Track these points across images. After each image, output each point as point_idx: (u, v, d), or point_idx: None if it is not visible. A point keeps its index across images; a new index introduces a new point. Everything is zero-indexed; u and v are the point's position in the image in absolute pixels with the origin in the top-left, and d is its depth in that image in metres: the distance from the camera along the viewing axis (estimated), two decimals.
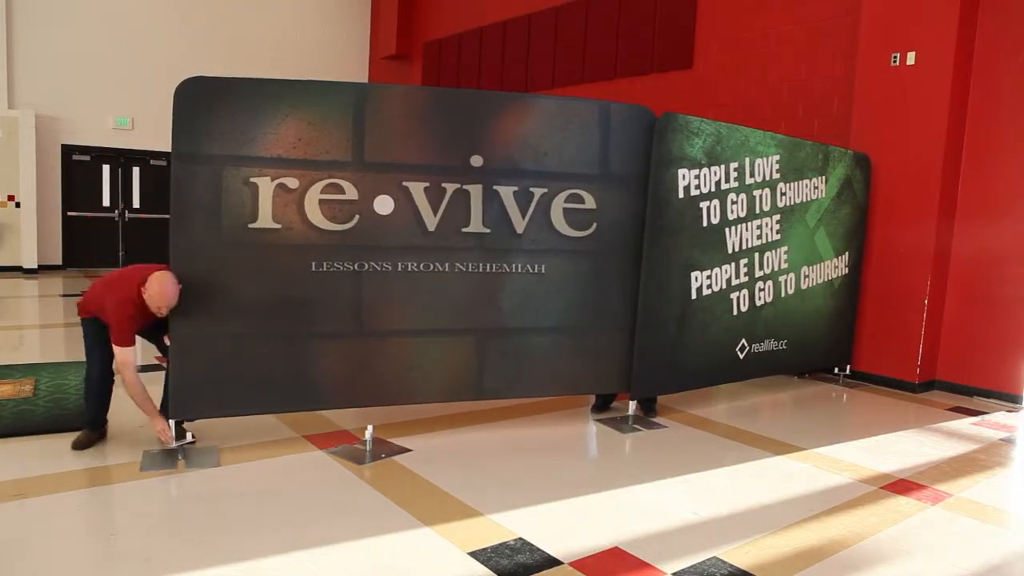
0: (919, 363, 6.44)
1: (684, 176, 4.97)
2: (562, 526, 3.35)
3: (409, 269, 4.40)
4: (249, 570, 2.82)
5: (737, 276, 5.49)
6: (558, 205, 4.67)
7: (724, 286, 5.40)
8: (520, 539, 3.18)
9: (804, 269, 6.06)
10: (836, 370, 6.76)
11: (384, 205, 4.31)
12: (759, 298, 5.70)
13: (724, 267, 5.38)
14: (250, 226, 3.99)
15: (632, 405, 5.08)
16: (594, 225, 4.76)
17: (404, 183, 4.33)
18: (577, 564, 2.98)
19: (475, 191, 4.50)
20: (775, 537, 3.35)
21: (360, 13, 14.51)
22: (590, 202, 4.73)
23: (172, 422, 3.99)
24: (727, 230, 5.33)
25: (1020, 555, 3.32)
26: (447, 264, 4.48)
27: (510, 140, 4.61)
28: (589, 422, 5.09)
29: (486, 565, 2.93)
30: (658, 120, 4.80)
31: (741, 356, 5.67)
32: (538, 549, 3.09)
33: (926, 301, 6.36)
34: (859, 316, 6.72)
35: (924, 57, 6.30)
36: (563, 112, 4.73)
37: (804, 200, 5.94)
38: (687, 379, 5.38)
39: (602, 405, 5.34)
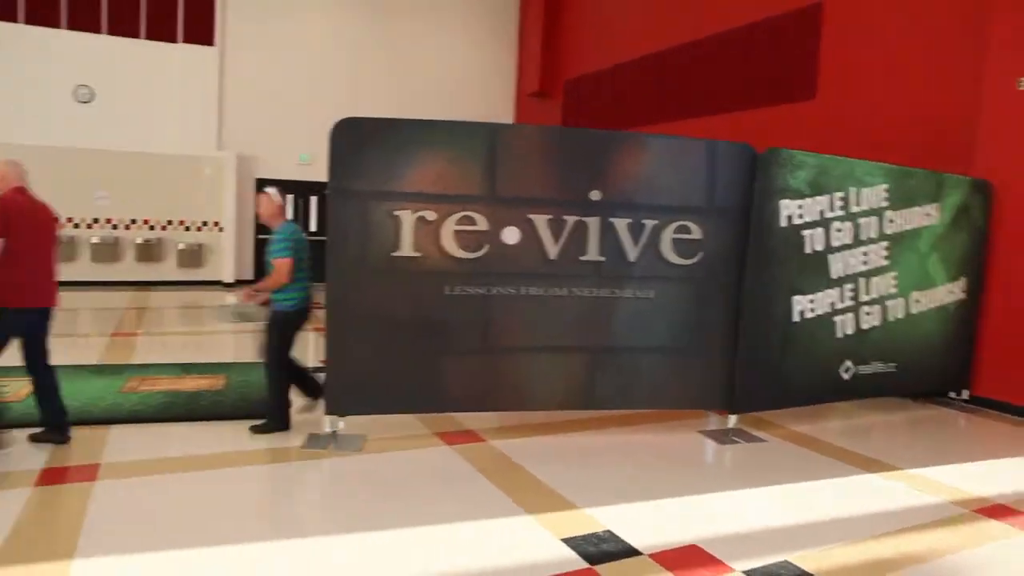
0: None
1: (787, 206, 5.04)
2: (649, 523, 3.57)
3: (532, 293, 4.75)
4: (371, 536, 3.26)
5: (841, 300, 5.45)
6: (667, 236, 4.88)
7: (828, 310, 5.38)
8: (608, 531, 3.44)
9: (914, 294, 5.89)
10: (953, 395, 6.46)
11: (511, 235, 4.69)
12: (865, 322, 5.61)
13: (827, 292, 5.36)
14: (393, 254, 4.49)
15: (732, 419, 5.17)
16: (700, 254, 4.93)
17: (529, 215, 4.70)
18: (655, 556, 3.20)
19: (593, 223, 4.79)
20: (849, 547, 3.41)
21: (508, 53, 15.17)
22: (697, 232, 4.91)
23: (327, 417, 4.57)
24: (830, 256, 5.31)
25: None
26: (566, 289, 4.80)
27: (625, 176, 4.88)
28: (691, 433, 5.22)
29: (575, 550, 3.22)
30: (760, 155, 4.91)
31: (846, 376, 5.60)
32: (623, 541, 3.34)
33: None
34: (980, 341, 6.40)
35: None
36: (673, 150, 4.95)
37: (915, 227, 5.78)
38: (788, 397, 5.40)
39: None
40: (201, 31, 12.90)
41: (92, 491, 3.67)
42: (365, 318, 4.54)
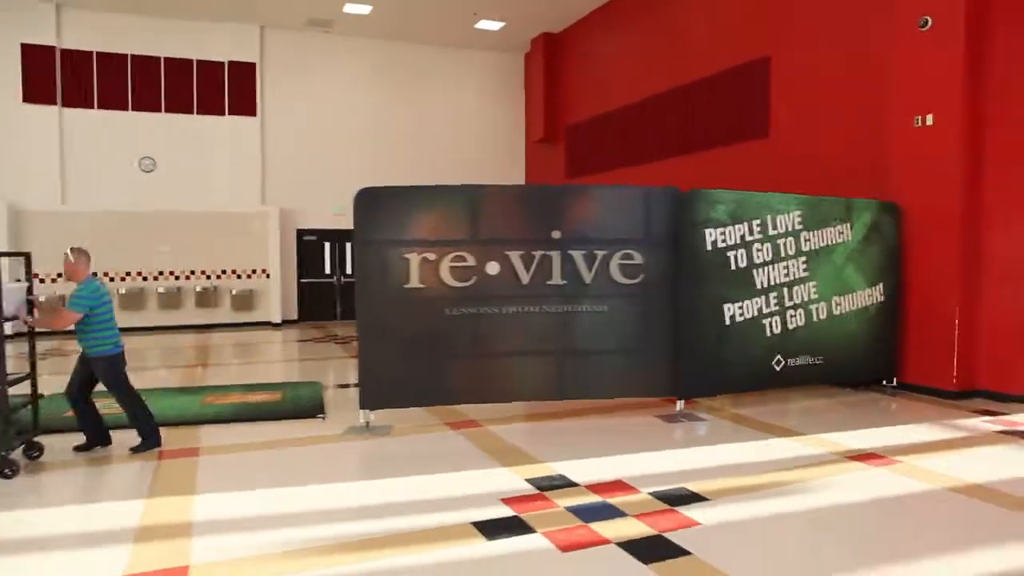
0: (955, 373, 7.26)
1: (711, 233, 6.43)
2: (592, 470, 4.95)
3: (511, 311, 6.20)
4: (401, 479, 4.72)
5: (768, 306, 6.78)
6: (615, 262, 6.30)
7: (756, 314, 6.72)
8: (560, 475, 4.84)
9: (835, 299, 7.18)
10: (885, 382, 7.68)
11: (493, 268, 6.15)
12: (791, 322, 6.92)
13: (754, 299, 6.70)
14: (405, 286, 5.99)
15: (680, 404, 6.52)
16: (642, 275, 6.34)
17: (506, 252, 6.17)
18: (588, 486, 4.59)
19: (556, 256, 6.24)
20: (733, 479, 4.74)
21: (516, 106, 16.82)
22: (638, 258, 6.32)
23: (362, 411, 6.05)
24: (754, 271, 6.67)
25: (906, 495, 4.48)
26: (536, 307, 6.24)
27: (579, 218, 6.33)
28: (648, 417, 6.56)
29: (532, 484, 4.63)
30: (683, 195, 6.33)
31: (778, 368, 6.91)
32: (568, 479, 4.74)
33: (956, 320, 7.20)
34: (904, 335, 7.62)
35: (940, 118, 7.27)
36: (615, 196, 6.43)
37: (829, 243, 7.10)
38: (726, 385, 6.73)
39: None
40: (244, 104, 14.78)
41: (197, 461, 5.20)
42: (387, 335, 6.02)
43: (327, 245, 15.59)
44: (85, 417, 5.50)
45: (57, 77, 13.64)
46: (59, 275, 13.62)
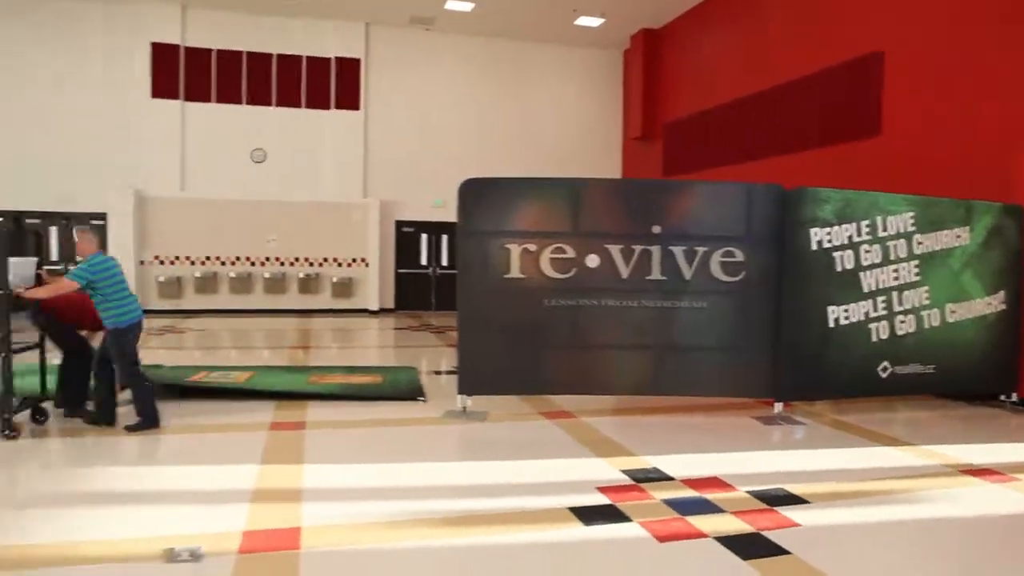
0: None
1: (816, 233, 6.26)
2: (687, 465, 4.92)
3: (609, 304, 6.23)
4: (496, 462, 4.83)
5: (875, 310, 6.54)
6: (716, 259, 6.23)
7: (862, 318, 6.49)
8: (655, 468, 4.84)
9: (950, 306, 6.85)
10: (1003, 397, 7.27)
11: (593, 261, 6.20)
12: (900, 328, 6.65)
13: (861, 303, 6.47)
14: (505, 276, 6.11)
15: (778, 406, 6.38)
16: (743, 273, 6.23)
17: (606, 245, 6.20)
18: (684, 481, 4.58)
19: (655, 251, 6.23)
20: (836, 484, 4.62)
21: (614, 103, 16.75)
22: (740, 256, 6.23)
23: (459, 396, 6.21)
24: (861, 273, 6.45)
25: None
26: (635, 301, 6.24)
27: (680, 214, 6.29)
28: (744, 417, 6.45)
29: (627, 475, 4.65)
30: (789, 193, 6.18)
31: (884, 375, 6.65)
32: (663, 472, 4.73)
33: None
34: None
35: None
36: (717, 193, 6.35)
37: (945, 247, 6.78)
38: (827, 389, 6.54)
39: None
40: (349, 99, 15.33)
41: (304, 434, 5.48)
42: (486, 323, 6.16)
43: (424, 237, 15.98)
44: (98, 388, 5.68)
45: (181, 73, 14.53)
46: (176, 257, 14.55)
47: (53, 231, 14.36)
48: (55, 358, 6.01)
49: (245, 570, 3.23)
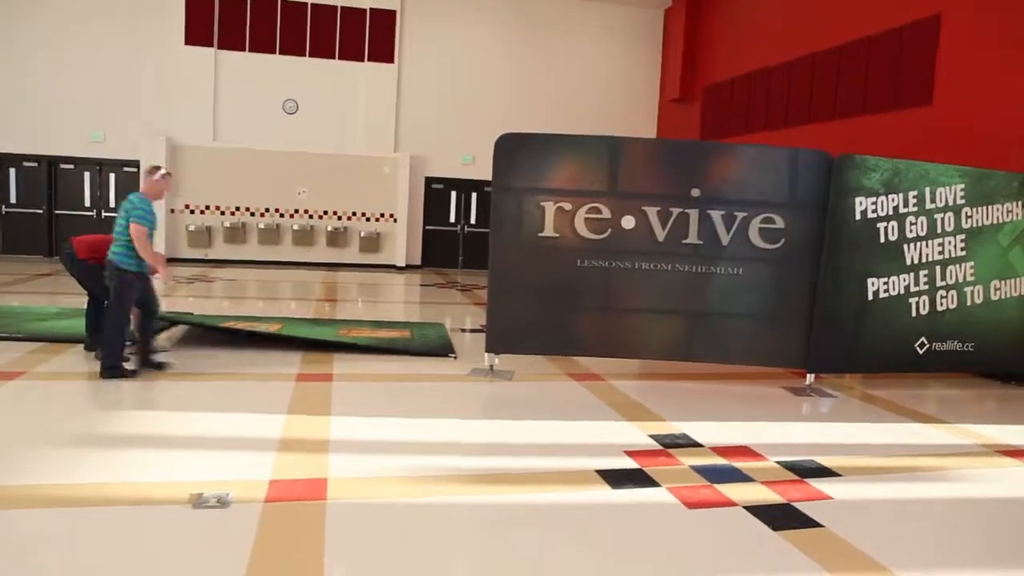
0: None
1: (861, 202, 6.06)
2: (716, 432, 4.86)
3: (643, 267, 6.11)
4: (521, 422, 4.80)
5: (916, 284, 6.35)
6: (755, 225, 6.06)
7: (902, 291, 6.31)
8: (684, 434, 4.78)
9: (995, 283, 6.63)
10: None
11: (628, 222, 6.07)
12: (941, 304, 6.46)
13: (902, 276, 6.29)
14: (539, 234, 6.01)
15: (810, 377, 6.26)
16: (782, 240, 6.07)
17: (643, 207, 6.06)
18: (713, 448, 4.51)
19: (693, 214, 6.08)
20: (867, 458, 4.53)
21: (652, 62, 16.35)
22: (780, 223, 6.05)
23: (487, 355, 6.18)
24: (905, 246, 6.25)
25: None
26: (670, 265, 6.11)
27: (720, 178, 6.12)
28: (775, 388, 6.34)
29: (655, 440, 4.59)
30: (835, 159, 5.98)
31: (921, 352, 6.48)
32: (691, 439, 4.67)
33: None
34: None
35: None
36: (759, 157, 6.15)
37: (995, 222, 6.54)
38: (861, 362, 6.39)
39: None
40: (383, 51, 15.12)
41: (331, 387, 5.50)
42: (517, 282, 6.09)
43: (453, 194, 15.86)
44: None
45: (215, 20, 14.40)
46: (207, 207, 14.62)
47: (86, 176, 14.47)
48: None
49: (272, 518, 3.24)
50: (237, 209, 14.81)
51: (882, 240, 6.19)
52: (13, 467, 3.69)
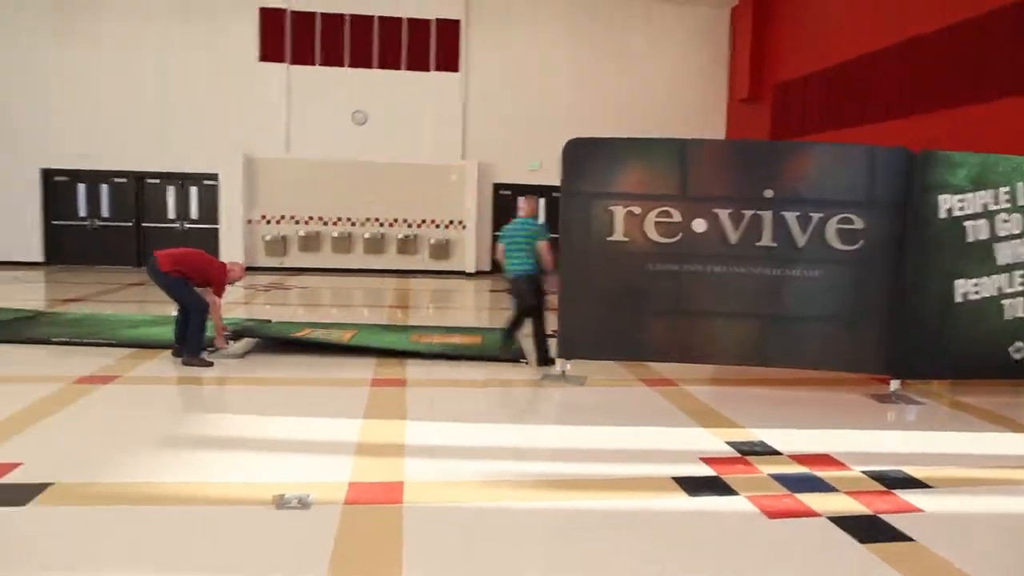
0: None
1: (946, 200, 5.80)
2: (796, 440, 4.71)
3: (715, 270, 6.00)
4: (595, 428, 4.77)
5: (1010, 285, 6.02)
6: (832, 226, 5.87)
7: (994, 293, 6.00)
8: (762, 441, 4.65)
9: None
10: None
11: (700, 225, 5.97)
12: None
13: (993, 277, 5.98)
14: (608, 239, 5.96)
15: (894, 384, 6.00)
16: (861, 241, 5.85)
17: (714, 210, 5.95)
18: (792, 456, 4.37)
19: (767, 216, 5.93)
20: (958, 469, 4.32)
21: (719, 62, 16.06)
22: (858, 223, 5.84)
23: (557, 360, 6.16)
24: (996, 245, 5.94)
25: None
26: (743, 268, 5.98)
27: (794, 178, 5.95)
28: (857, 395, 6.11)
29: (732, 447, 4.49)
30: (916, 156, 5.74)
31: (1017, 357, 6.13)
32: (770, 446, 4.54)
33: None
34: None
35: None
36: (835, 155, 5.96)
37: None
38: (949, 369, 6.09)
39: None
40: (449, 61, 15.31)
41: (405, 392, 5.57)
42: (587, 287, 6.05)
43: (520, 200, 15.86)
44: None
45: (287, 37, 14.86)
46: (282, 216, 15.06)
47: (170, 190, 15.12)
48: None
49: (351, 520, 3.30)
50: (311, 218, 15.21)
51: (969, 239, 5.90)
52: (107, 466, 3.87)
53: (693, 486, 3.84)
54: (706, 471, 4.07)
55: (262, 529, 3.21)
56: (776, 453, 4.44)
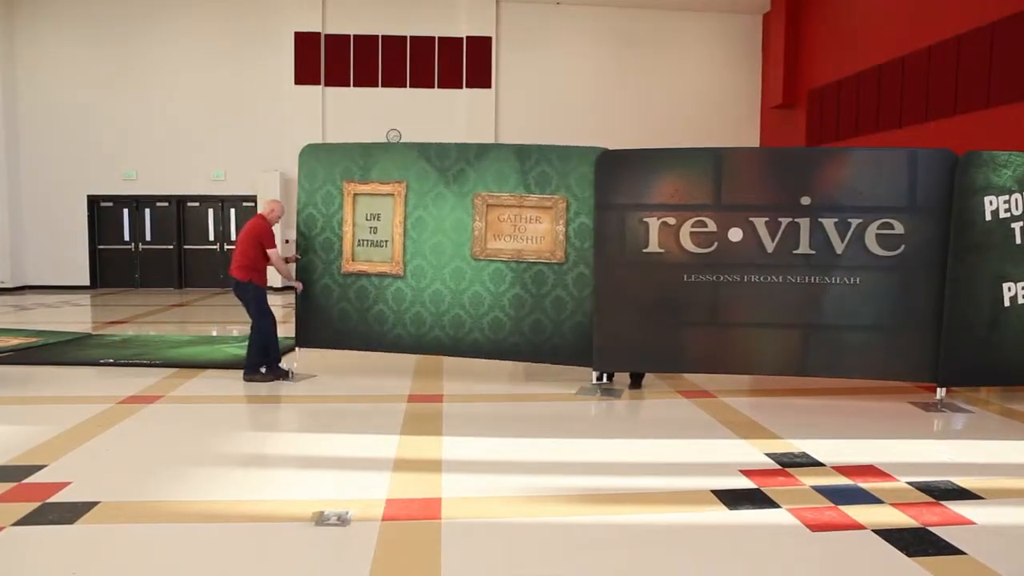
0: None
1: (992, 202, 5.65)
2: (839, 451, 4.60)
3: (752, 280, 5.92)
4: (635, 441, 4.73)
5: None
6: (871, 232, 5.75)
7: None
8: (803, 452, 4.56)
9: None
10: None
11: (735, 234, 5.91)
12: None
13: None
14: (643, 251, 5.93)
15: (940, 392, 5.84)
16: (902, 246, 5.73)
17: (750, 218, 5.88)
18: (836, 468, 4.28)
19: (804, 223, 5.84)
20: (1010, 479, 4.18)
21: (751, 69, 15.92)
22: (899, 228, 5.72)
23: (594, 373, 6.12)
24: None
25: None
26: (781, 277, 5.89)
27: (832, 183, 5.86)
28: (901, 403, 5.95)
29: (773, 459, 4.41)
30: (960, 158, 5.61)
31: None
32: (812, 458, 4.45)
33: None
34: None
35: None
36: (874, 160, 5.85)
37: None
38: (999, 375, 5.91)
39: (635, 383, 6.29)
40: (481, 78, 15.42)
41: (442, 407, 5.59)
42: (623, 299, 6.02)
43: None
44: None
45: (322, 60, 15.14)
46: None
47: (210, 212, 15.45)
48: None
49: (390, 536, 3.31)
50: None
51: (1018, 241, 5.74)
52: (151, 485, 3.95)
53: (733, 499, 3.77)
54: (746, 483, 4.00)
55: (302, 546, 3.24)
56: (818, 464, 4.35)
